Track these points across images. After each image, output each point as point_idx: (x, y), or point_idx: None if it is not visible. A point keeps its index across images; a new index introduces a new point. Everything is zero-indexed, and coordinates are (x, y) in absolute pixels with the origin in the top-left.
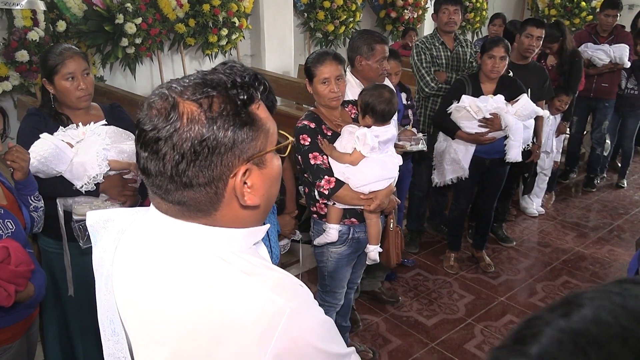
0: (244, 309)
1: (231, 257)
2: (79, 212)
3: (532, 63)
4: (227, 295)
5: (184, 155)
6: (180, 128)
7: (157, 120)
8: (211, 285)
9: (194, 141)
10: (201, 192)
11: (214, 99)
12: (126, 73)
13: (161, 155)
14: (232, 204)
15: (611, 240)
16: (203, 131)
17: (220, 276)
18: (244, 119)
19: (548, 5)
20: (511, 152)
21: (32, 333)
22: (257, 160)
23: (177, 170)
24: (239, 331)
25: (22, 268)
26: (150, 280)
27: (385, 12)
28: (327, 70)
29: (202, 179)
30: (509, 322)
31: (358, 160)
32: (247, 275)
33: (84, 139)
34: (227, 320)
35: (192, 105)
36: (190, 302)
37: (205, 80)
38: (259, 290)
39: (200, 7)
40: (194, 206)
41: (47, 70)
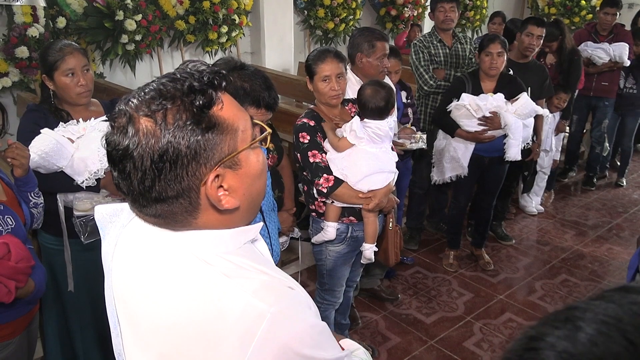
0: (224, 313)
1: (214, 259)
2: (80, 208)
3: (533, 62)
4: (208, 299)
5: (146, 172)
6: (138, 145)
7: (118, 137)
8: (192, 289)
9: (153, 157)
10: (174, 204)
11: (167, 111)
12: (126, 70)
13: (127, 173)
14: (210, 210)
15: (610, 238)
16: (160, 145)
17: (201, 279)
18: (204, 126)
19: (548, 4)
20: (510, 150)
21: (33, 329)
22: (228, 163)
23: (144, 187)
24: (219, 336)
25: (22, 264)
26: (139, 281)
27: (386, 10)
28: (328, 68)
29: (171, 192)
30: (508, 320)
31: (344, 146)
32: (228, 278)
33: (85, 134)
34: (207, 325)
35: (147, 121)
36: (172, 305)
37: (161, 91)
38: (240, 295)
39: (201, 4)
40: (170, 218)
41: (47, 66)
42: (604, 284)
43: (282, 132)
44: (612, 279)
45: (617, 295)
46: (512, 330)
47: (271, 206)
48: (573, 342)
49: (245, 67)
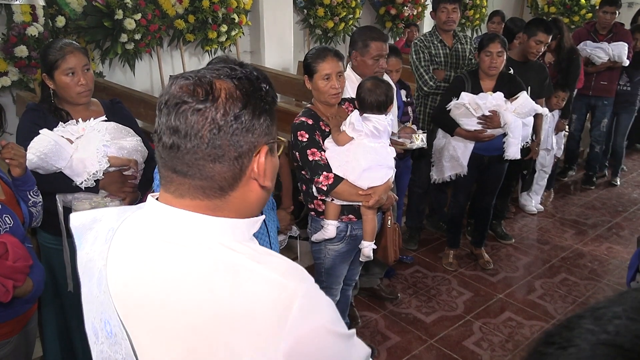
0: (259, 296)
1: (238, 247)
2: (79, 209)
3: (533, 61)
4: (241, 284)
5: (220, 129)
6: (219, 103)
7: (194, 95)
8: (223, 275)
9: (232, 116)
10: (229, 166)
11: (245, 81)
12: (125, 69)
13: (198, 128)
14: (249, 184)
15: (610, 237)
16: (240, 106)
17: (231, 265)
18: (267, 105)
19: (547, 3)
20: (510, 149)
21: (31, 328)
22: (272, 146)
23: (212, 143)
24: (255, 318)
25: (20, 264)
26: (156, 276)
27: (385, 9)
28: (328, 67)
29: (232, 153)
30: (507, 319)
31: (343, 140)
32: (257, 262)
33: (84, 135)
34: (241, 309)
35: (228, 84)
36: (202, 293)
37: (231, 67)
38: (271, 276)
39: (200, 4)
40: (218, 182)
41: (47, 66)
42: (604, 283)
43: (281, 131)
44: (611, 278)
45: None
46: (511, 329)
47: (270, 205)
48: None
49: (244, 67)
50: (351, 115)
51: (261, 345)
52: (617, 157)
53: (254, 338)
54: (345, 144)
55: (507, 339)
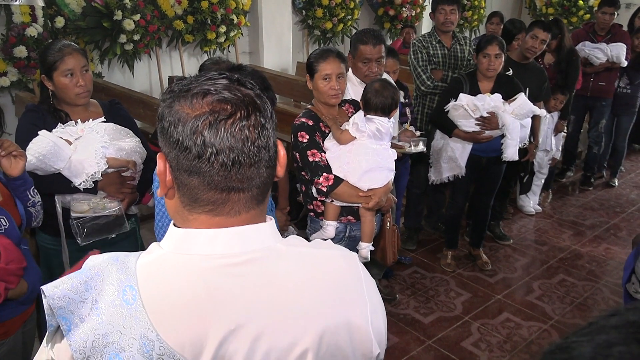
0: (341, 270)
1: (290, 242)
2: (77, 210)
3: (532, 63)
4: (327, 267)
5: (269, 135)
6: (266, 113)
7: (254, 110)
8: (311, 268)
9: (272, 121)
10: (274, 167)
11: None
12: (124, 70)
13: (264, 141)
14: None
15: (608, 238)
16: (270, 111)
17: (308, 258)
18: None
19: (546, 4)
20: (508, 150)
21: (28, 330)
22: None
23: (268, 149)
24: (346, 289)
25: (12, 266)
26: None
27: (384, 9)
28: (329, 67)
29: (274, 153)
30: (505, 320)
31: (346, 139)
32: (317, 249)
33: (83, 136)
34: (339, 282)
35: (253, 93)
36: (304, 289)
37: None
38: (333, 253)
39: (199, 4)
40: (267, 187)
41: (46, 67)
42: (602, 284)
43: (280, 132)
44: (609, 278)
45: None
46: (509, 330)
47: (270, 206)
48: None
49: (242, 68)
50: (355, 115)
51: (362, 299)
52: (618, 158)
53: (353, 296)
54: (347, 142)
55: (506, 339)
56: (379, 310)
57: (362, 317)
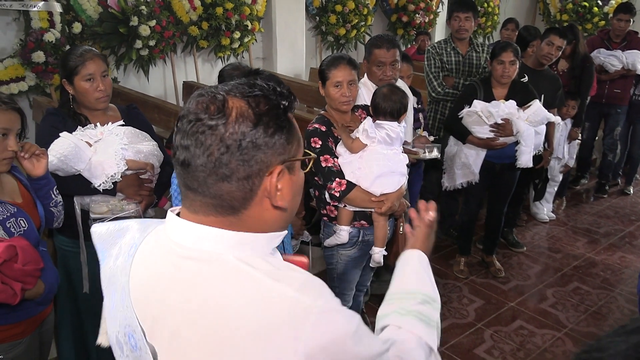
0: (273, 312)
1: (255, 261)
2: (96, 211)
3: (547, 70)
4: (256, 301)
5: (229, 148)
6: (229, 121)
7: (205, 113)
8: (239, 292)
9: (241, 135)
10: (238, 186)
11: (260, 98)
12: (139, 75)
13: (206, 145)
14: (263, 204)
15: (622, 247)
16: (250, 126)
17: (247, 282)
18: (283, 123)
19: (560, 11)
20: (522, 157)
21: (45, 330)
22: (289, 165)
23: (220, 162)
24: (270, 335)
25: (29, 267)
26: (176, 291)
27: (397, 16)
28: (340, 74)
29: (241, 173)
30: (519, 328)
31: (358, 147)
32: (272, 279)
33: (102, 138)
34: (257, 326)
35: (241, 102)
36: (219, 310)
37: (250, 84)
38: (286, 293)
39: (214, 10)
40: (228, 201)
41: (67, 71)
42: (617, 292)
43: None
44: (624, 287)
45: None
46: (523, 338)
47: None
48: None
49: (260, 73)
50: (364, 122)
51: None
52: (633, 166)
53: (270, 355)
54: (359, 150)
55: (519, 347)
56: None
57: None
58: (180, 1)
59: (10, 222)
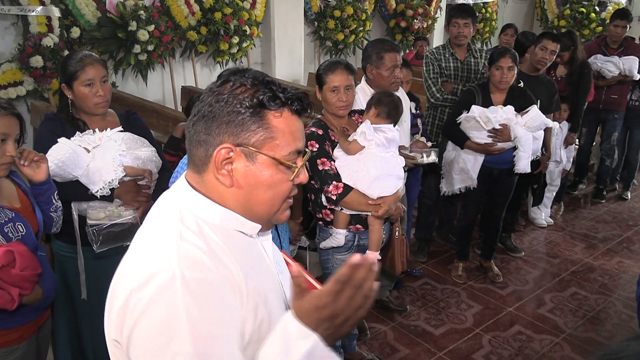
0: (151, 263)
1: (189, 218)
2: (93, 217)
3: (543, 75)
4: (152, 248)
5: (200, 110)
6: (212, 90)
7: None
8: (150, 239)
9: (208, 105)
10: (198, 148)
11: (244, 87)
12: (138, 79)
13: (200, 104)
14: (211, 173)
15: (620, 252)
16: (218, 99)
17: (160, 230)
18: (253, 112)
19: (558, 17)
20: (520, 163)
21: (43, 335)
22: (245, 151)
23: (194, 121)
24: (136, 280)
25: (27, 272)
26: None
27: (395, 21)
28: (337, 79)
29: (201, 136)
30: (517, 333)
31: (355, 149)
32: (178, 237)
33: (101, 144)
34: (136, 271)
35: (229, 84)
36: (132, 255)
37: (255, 77)
38: (171, 252)
39: (212, 15)
40: (196, 159)
41: (66, 76)
42: (615, 298)
43: None
44: (622, 292)
45: None
46: (521, 343)
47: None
48: None
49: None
50: (363, 125)
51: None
52: (630, 171)
53: (122, 301)
54: (356, 152)
55: (517, 352)
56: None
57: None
58: (179, 6)
59: (8, 227)
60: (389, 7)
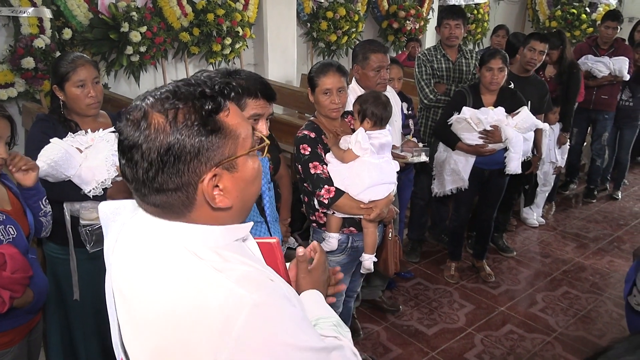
0: (208, 301)
1: (203, 252)
2: (86, 217)
3: (533, 76)
4: (195, 290)
5: (152, 163)
6: (148, 137)
7: (130, 129)
8: (180, 280)
9: (159, 150)
10: (172, 196)
11: (179, 110)
12: (130, 81)
13: (134, 162)
14: (204, 207)
15: (611, 251)
16: (169, 140)
17: (188, 270)
18: (209, 128)
19: (549, 18)
20: (511, 164)
21: (34, 338)
22: (226, 165)
23: (147, 177)
24: (205, 323)
25: (18, 275)
26: (135, 273)
27: (388, 22)
28: (329, 82)
29: (171, 185)
30: (509, 332)
31: (349, 158)
32: (216, 270)
33: (93, 145)
34: (194, 314)
35: (160, 117)
36: (162, 295)
37: (175, 92)
38: (223, 283)
39: (205, 17)
40: (168, 209)
41: (58, 77)
42: (605, 297)
43: (284, 144)
44: (613, 291)
45: None
46: (513, 342)
47: (275, 217)
48: None
49: (239, 71)
50: (358, 134)
51: (208, 349)
52: (621, 171)
53: (205, 339)
54: (350, 161)
55: (509, 351)
56: None
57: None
58: (171, 7)
59: None
60: (381, 9)
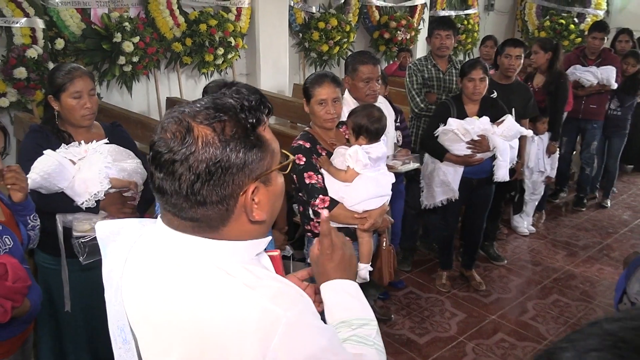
0: (244, 319)
1: (235, 270)
2: (79, 229)
3: (516, 82)
4: (230, 307)
5: (199, 176)
6: (195, 151)
7: (173, 143)
8: (215, 298)
9: (208, 162)
10: (213, 209)
11: (226, 123)
12: (123, 91)
13: (177, 175)
14: (241, 219)
15: (601, 259)
16: (217, 153)
17: (224, 289)
18: (253, 141)
19: (538, 28)
20: (499, 172)
21: (27, 348)
22: (264, 179)
23: (192, 190)
24: (240, 340)
25: (19, 284)
26: (160, 292)
27: (379, 33)
28: (324, 92)
29: (215, 197)
30: (500, 340)
31: (352, 177)
32: (248, 287)
33: (86, 156)
34: (228, 331)
35: (206, 129)
36: (196, 313)
37: (216, 105)
38: (258, 301)
39: (197, 27)
40: (205, 222)
41: (54, 87)
42: (595, 304)
43: None
44: (602, 299)
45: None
46: (504, 350)
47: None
48: None
49: (235, 84)
50: (357, 152)
51: None
52: (610, 179)
53: (235, 354)
54: (354, 179)
55: None
56: None
57: None
58: (164, 18)
59: None
60: (372, 19)
